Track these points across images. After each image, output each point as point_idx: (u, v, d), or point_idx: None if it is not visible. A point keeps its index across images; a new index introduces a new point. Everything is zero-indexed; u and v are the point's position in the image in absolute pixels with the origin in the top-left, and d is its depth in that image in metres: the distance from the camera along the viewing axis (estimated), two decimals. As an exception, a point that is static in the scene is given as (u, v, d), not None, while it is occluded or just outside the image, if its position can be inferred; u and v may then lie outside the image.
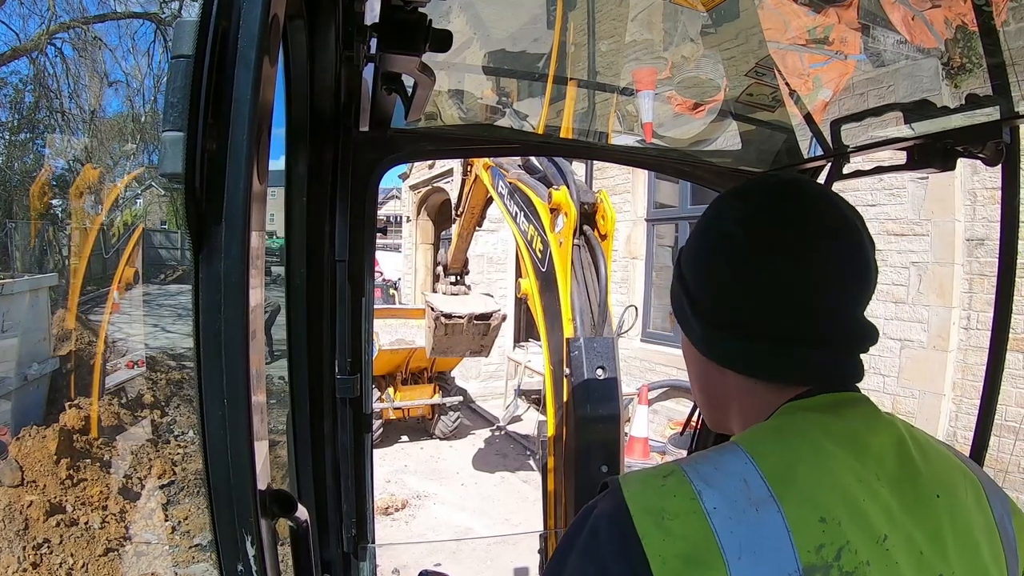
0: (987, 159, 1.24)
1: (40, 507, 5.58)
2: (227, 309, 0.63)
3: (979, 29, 1.15)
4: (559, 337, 2.67)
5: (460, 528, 6.17)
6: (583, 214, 2.85)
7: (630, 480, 0.69)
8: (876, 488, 0.66)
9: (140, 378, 9.20)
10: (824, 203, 0.76)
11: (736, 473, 0.65)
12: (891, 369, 5.80)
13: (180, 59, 0.60)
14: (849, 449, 0.68)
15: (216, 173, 0.62)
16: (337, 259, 1.24)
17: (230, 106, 0.62)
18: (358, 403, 1.33)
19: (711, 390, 0.84)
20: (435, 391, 8.76)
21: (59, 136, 14.57)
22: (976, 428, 1.36)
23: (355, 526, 1.35)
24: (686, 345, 0.86)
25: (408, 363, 8.57)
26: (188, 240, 0.64)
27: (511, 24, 1.67)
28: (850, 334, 0.75)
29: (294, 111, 1.07)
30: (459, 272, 6.14)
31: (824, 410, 0.71)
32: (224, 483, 0.65)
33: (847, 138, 1.49)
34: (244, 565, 0.67)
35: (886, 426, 0.73)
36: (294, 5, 0.83)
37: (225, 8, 0.61)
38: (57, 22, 13.10)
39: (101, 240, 16.57)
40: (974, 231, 5.34)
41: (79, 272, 11.47)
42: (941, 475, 0.71)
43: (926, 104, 1.33)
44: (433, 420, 8.97)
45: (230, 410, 0.64)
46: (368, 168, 1.30)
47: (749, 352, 0.76)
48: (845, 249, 0.73)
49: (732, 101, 1.67)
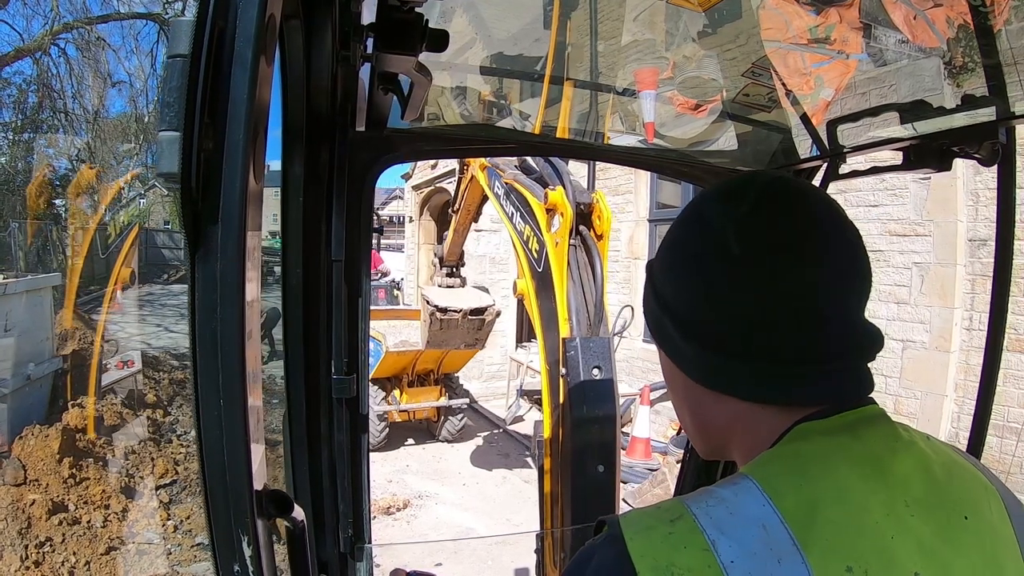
0: (983, 159, 1.24)
1: (42, 506, 5.59)
2: (223, 309, 0.63)
3: (975, 29, 1.14)
4: (555, 337, 2.66)
5: (461, 528, 6.18)
6: (579, 214, 2.83)
7: (632, 523, 0.61)
8: (905, 518, 0.60)
9: (142, 377, 9.21)
10: (815, 199, 0.70)
11: (754, 518, 0.58)
12: (893, 370, 5.79)
13: (176, 59, 0.60)
14: (874, 477, 0.61)
15: (212, 173, 0.62)
16: (333, 259, 1.23)
17: (226, 106, 0.62)
18: (354, 403, 1.33)
19: (705, 417, 0.75)
20: (441, 393, 8.71)
21: (62, 136, 14.60)
22: (972, 428, 1.36)
23: (352, 526, 1.34)
24: (669, 367, 0.76)
25: (414, 365, 8.50)
26: (184, 240, 0.64)
27: (509, 24, 1.67)
28: (860, 343, 0.68)
29: (290, 111, 1.07)
30: (455, 264, 6.22)
31: (841, 432, 0.64)
32: (221, 483, 0.66)
33: (843, 138, 1.48)
34: (241, 565, 0.67)
35: (907, 445, 0.66)
36: (290, 5, 0.83)
37: (222, 8, 0.61)
38: (60, 22, 13.13)
39: (97, 240, 16.61)
40: (976, 231, 5.33)
41: (78, 271, 11.50)
42: (966, 493, 0.65)
43: (922, 104, 1.32)
44: (439, 423, 8.92)
45: (226, 410, 0.64)
46: (365, 168, 1.30)
47: (756, 376, 0.67)
48: (846, 247, 0.68)
49: (729, 101, 1.67)
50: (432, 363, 8.57)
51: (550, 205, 2.88)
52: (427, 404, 8.61)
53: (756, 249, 0.66)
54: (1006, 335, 1.34)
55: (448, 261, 6.15)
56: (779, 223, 0.67)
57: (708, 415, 0.74)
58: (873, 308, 6.22)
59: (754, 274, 0.66)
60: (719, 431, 0.74)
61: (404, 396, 8.53)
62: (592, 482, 2.38)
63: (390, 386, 8.60)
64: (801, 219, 0.67)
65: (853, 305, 0.68)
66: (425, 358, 8.31)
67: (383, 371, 8.30)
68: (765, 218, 0.68)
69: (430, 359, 8.40)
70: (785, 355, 0.66)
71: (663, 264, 0.75)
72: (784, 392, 0.67)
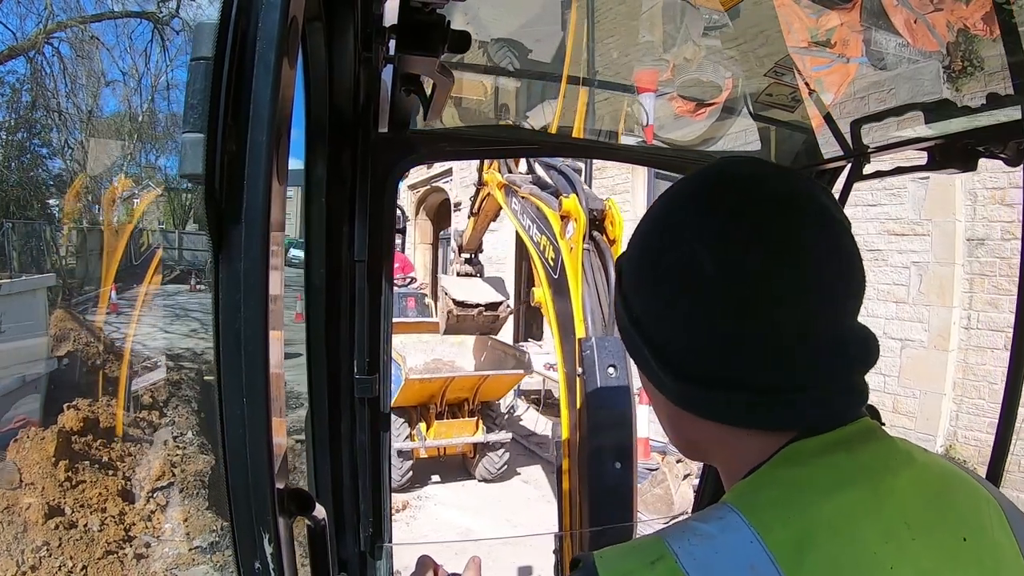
0: (1008, 159, 1.21)
1: (39, 509, 5.56)
2: (247, 309, 0.63)
3: (1000, 28, 1.14)
4: (572, 342, 2.73)
5: (461, 529, 6.17)
6: (592, 220, 2.97)
7: (609, 564, 0.56)
8: (906, 543, 0.55)
9: (138, 379, 9.18)
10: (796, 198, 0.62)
11: (741, 557, 0.53)
12: (892, 369, 5.82)
13: (200, 61, 0.61)
14: (870, 499, 0.57)
15: (236, 174, 0.62)
16: (356, 259, 1.24)
17: (249, 108, 0.62)
18: (376, 403, 1.34)
19: (688, 435, 0.70)
20: (478, 427, 7.15)
21: (56, 135, 14.57)
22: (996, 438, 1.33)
23: (372, 525, 1.35)
24: (648, 385, 0.70)
25: (444, 393, 6.90)
26: (208, 241, 0.64)
27: (529, 24, 1.68)
28: (852, 359, 0.61)
29: (313, 112, 1.08)
30: (473, 252, 6.53)
31: (834, 451, 0.59)
32: (242, 481, 0.66)
33: (867, 138, 1.46)
34: (262, 562, 0.67)
35: (904, 461, 0.61)
36: (313, 7, 0.83)
37: (244, 10, 0.61)
38: (55, 21, 13.09)
39: (87, 239, 16.59)
40: (975, 231, 5.36)
41: (73, 271, 11.48)
42: (966, 509, 0.61)
43: (947, 104, 1.31)
44: (474, 459, 7.42)
45: (249, 409, 0.65)
46: (387, 169, 1.31)
47: (740, 404, 0.61)
48: (834, 252, 0.60)
49: (752, 101, 1.67)
50: (467, 391, 7.00)
51: (564, 212, 3.02)
52: (461, 440, 7.11)
53: (733, 270, 0.58)
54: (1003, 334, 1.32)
55: (467, 249, 6.47)
56: (757, 234, 0.59)
57: (691, 435, 0.69)
58: (872, 307, 6.27)
59: (732, 298, 0.59)
60: (704, 450, 0.71)
61: (432, 430, 6.97)
62: (609, 479, 2.43)
63: (415, 417, 7.09)
64: (782, 226, 0.59)
65: (845, 316, 0.62)
66: (458, 385, 6.87)
67: (405, 399, 6.81)
68: (742, 230, 0.59)
69: (464, 386, 6.93)
70: (770, 382, 0.60)
71: (633, 278, 0.68)
72: (771, 419, 0.61)
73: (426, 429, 6.99)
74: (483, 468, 7.30)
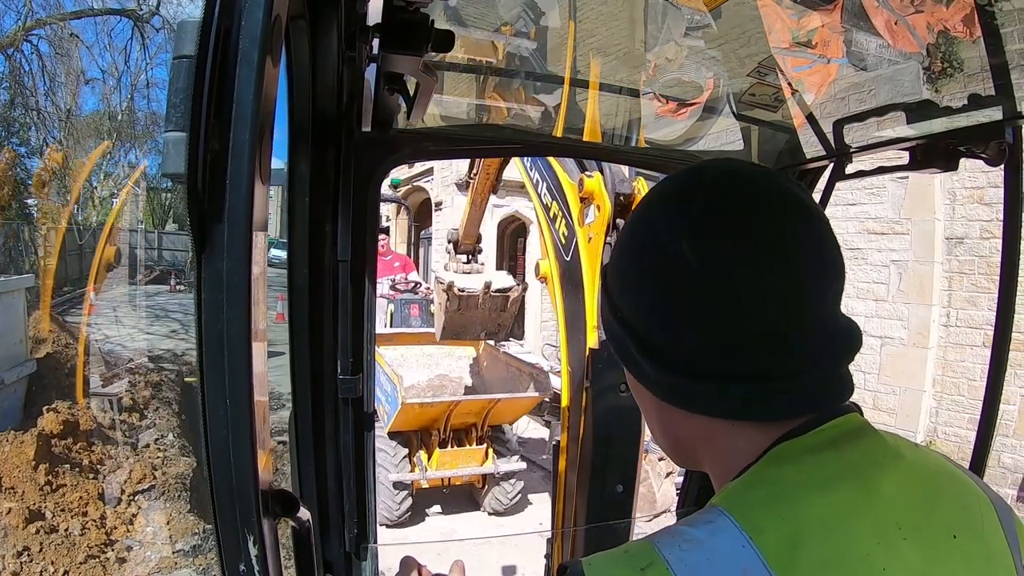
0: (990, 159, 1.23)
1: (19, 514, 5.47)
2: (229, 309, 0.63)
3: (982, 30, 1.16)
4: (581, 344, 2.43)
5: (446, 530, 6.15)
6: (618, 205, 2.38)
7: (598, 570, 0.56)
8: (897, 543, 0.55)
9: (118, 381, 9.06)
10: (774, 193, 0.63)
11: (733, 562, 0.53)
12: (872, 366, 5.90)
13: (182, 59, 0.60)
14: (861, 499, 0.57)
15: (218, 173, 0.62)
16: (339, 259, 1.24)
17: (232, 106, 0.62)
18: (360, 403, 1.33)
19: (677, 434, 0.70)
20: (487, 456, 6.11)
21: (34, 133, 14.35)
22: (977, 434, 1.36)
23: (357, 526, 1.35)
24: (635, 384, 0.70)
25: (448, 418, 5.90)
26: (190, 240, 0.64)
27: (517, 25, 1.68)
28: (836, 348, 0.62)
29: (296, 111, 1.07)
30: (471, 249, 5.16)
31: (824, 449, 0.59)
32: (226, 483, 0.66)
33: (850, 138, 1.48)
34: (246, 564, 0.67)
35: (894, 458, 0.61)
36: (296, 5, 0.83)
37: (227, 8, 0.61)
38: (34, 18, 12.89)
39: (77, 236, 16.36)
40: (953, 230, 5.46)
41: (51, 272, 11.30)
42: (956, 507, 0.61)
43: (929, 104, 1.33)
44: (483, 490, 6.34)
45: (232, 410, 0.64)
46: (370, 168, 1.31)
47: (727, 395, 0.61)
48: (814, 245, 0.61)
49: (735, 101, 1.68)
50: (475, 415, 6.00)
51: (585, 194, 2.48)
52: (467, 472, 6.10)
53: (714, 261, 0.59)
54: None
55: (464, 244, 5.15)
56: (736, 228, 0.60)
57: (680, 432, 0.69)
58: (852, 305, 6.36)
59: (714, 288, 0.59)
60: (691, 447, 0.70)
61: (433, 460, 5.94)
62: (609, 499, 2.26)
63: (415, 444, 6.08)
64: (761, 219, 0.61)
65: (827, 305, 0.62)
66: (464, 409, 5.89)
67: (404, 424, 5.87)
68: (721, 223, 0.61)
69: (472, 410, 5.94)
70: (755, 371, 0.60)
71: (617, 276, 0.69)
72: (759, 409, 0.61)
73: (427, 458, 6.01)
74: (493, 500, 6.28)
